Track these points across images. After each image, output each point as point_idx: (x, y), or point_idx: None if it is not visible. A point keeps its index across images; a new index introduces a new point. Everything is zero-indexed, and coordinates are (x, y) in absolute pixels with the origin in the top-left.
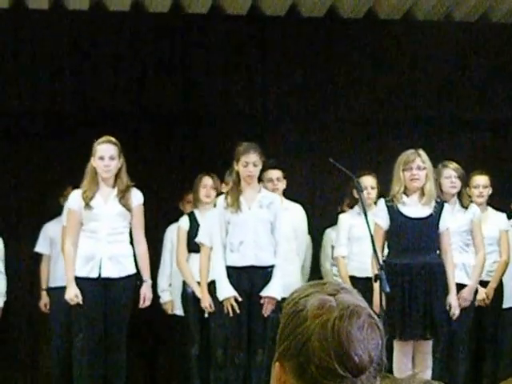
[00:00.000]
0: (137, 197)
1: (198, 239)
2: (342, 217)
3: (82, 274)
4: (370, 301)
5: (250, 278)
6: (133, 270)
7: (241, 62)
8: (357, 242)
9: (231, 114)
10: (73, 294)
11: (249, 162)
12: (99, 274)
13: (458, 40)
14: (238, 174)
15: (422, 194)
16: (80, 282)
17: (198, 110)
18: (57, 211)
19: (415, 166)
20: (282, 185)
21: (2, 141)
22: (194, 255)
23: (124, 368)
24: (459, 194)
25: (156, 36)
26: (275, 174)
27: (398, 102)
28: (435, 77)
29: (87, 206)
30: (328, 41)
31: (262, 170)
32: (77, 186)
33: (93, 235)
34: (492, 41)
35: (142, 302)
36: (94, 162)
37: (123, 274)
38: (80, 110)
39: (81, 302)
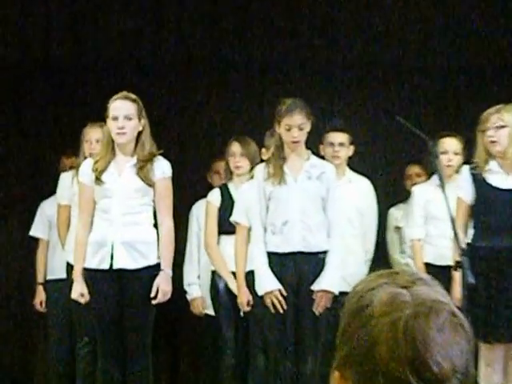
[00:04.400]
0: (162, 168)
1: (233, 218)
2: (416, 190)
3: (90, 264)
4: (450, 294)
5: (298, 267)
6: (155, 260)
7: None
8: (435, 221)
9: (266, 65)
10: (78, 293)
11: (292, 124)
12: (111, 265)
13: None
14: (280, 137)
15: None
16: (88, 274)
17: (226, 56)
18: (55, 186)
19: (491, 125)
20: (347, 152)
21: None
22: (226, 238)
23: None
24: None
25: None
26: (338, 137)
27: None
28: None
29: (98, 179)
30: None
31: (324, 132)
32: (75, 155)
33: (104, 216)
34: None
35: (153, 294)
36: (109, 123)
37: (141, 265)
38: (79, 63)
39: (84, 301)
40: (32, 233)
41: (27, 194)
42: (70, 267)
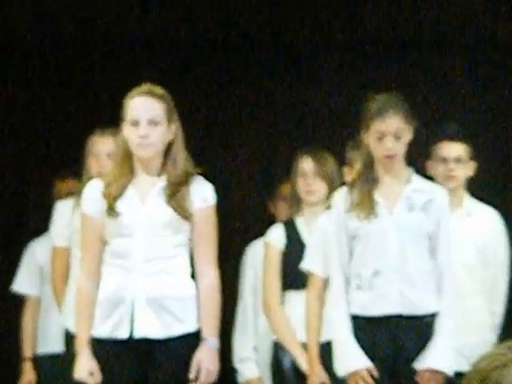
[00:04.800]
0: (202, 193)
1: (303, 265)
2: None
3: (101, 332)
4: None
5: (394, 337)
6: (194, 325)
7: None
8: None
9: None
10: (85, 372)
11: (386, 131)
12: (131, 333)
13: None
14: (369, 150)
15: None
16: (99, 346)
17: (290, 35)
18: (47, 221)
19: None
20: (466, 170)
21: None
22: (293, 294)
23: None
24: None
25: None
26: (454, 150)
27: None
28: None
29: (111, 209)
30: None
31: (433, 143)
32: (76, 175)
33: (120, 262)
34: None
35: (193, 375)
36: (126, 130)
37: (175, 333)
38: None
39: (95, 382)
40: (16, 288)
41: (9, 232)
42: (69, 336)
